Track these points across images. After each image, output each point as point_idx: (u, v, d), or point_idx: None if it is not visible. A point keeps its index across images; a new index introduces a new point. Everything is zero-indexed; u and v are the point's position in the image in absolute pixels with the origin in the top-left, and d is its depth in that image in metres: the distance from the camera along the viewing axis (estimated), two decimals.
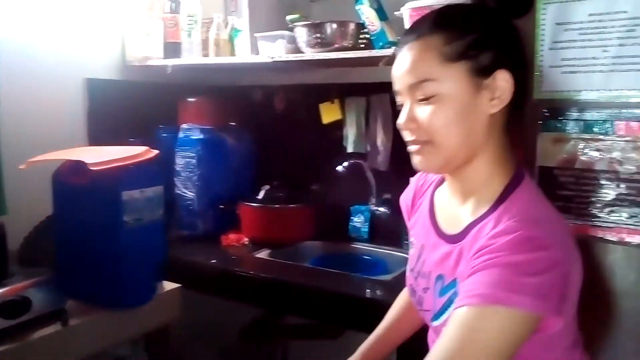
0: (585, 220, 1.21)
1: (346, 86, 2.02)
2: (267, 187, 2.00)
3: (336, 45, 1.70)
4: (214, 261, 1.76)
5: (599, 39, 1.17)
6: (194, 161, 2.00)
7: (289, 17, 1.79)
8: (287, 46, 1.81)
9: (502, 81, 0.82)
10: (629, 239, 1.17)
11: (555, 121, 1.23)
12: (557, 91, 1.23)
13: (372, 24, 1.61)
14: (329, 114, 2.04)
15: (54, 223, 1.37)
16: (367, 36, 1.66)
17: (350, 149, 2.04)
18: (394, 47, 1.44)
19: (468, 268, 0.79)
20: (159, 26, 2.08)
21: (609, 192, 1.19)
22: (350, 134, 2.03)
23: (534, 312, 0.73)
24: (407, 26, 1.44)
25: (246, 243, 1.95)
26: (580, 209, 1.22)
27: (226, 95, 2.22)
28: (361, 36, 1.71)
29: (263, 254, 1.88)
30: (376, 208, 1.96)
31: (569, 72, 1.21)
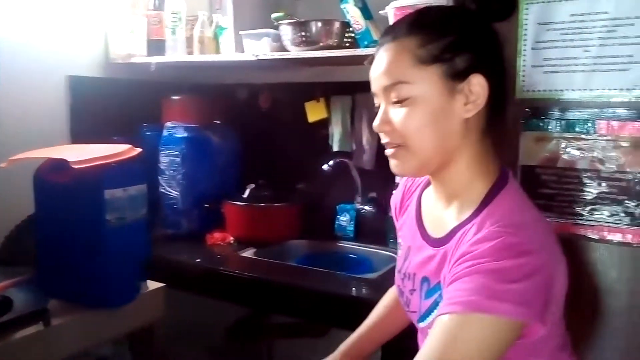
0: (567, 219, 1.22)
1: (332, 85, 2.02)
2: (253, 185, 1.99)
3: (321, 44, 1.70)
4: (199, 260, 1.75)
5: (580, 39, 1.19)
6: (178, 160, 1.98)
7: (274, 15, 1.79)
8: (272, 44, 1.80)
9: (477, 86, 0.81)
10: (610, 236, 1.19)
11: (538, 120, 1.25)
12: (539, 91, 1.24)
13: (357, 23, 1.61)
14: (314, 112, 2.04)
15: (35, 222, 1.35)
16: (352, 35, 1.67)
17: (335, 148, 2.04)
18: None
19: (451, 273, 0.78)
20: (142, 23, 2.06)
21: (590, 190, 1.21)
22: (336, 132, 2.03)
23: (516, 319, 0.72)
24: None
25: (231, 242, 1.95)
26: (562, 208, 1.23)
27: (211, 94, 2.21)
28: (346, 35, 1.71)
29: (248, 253, 1.87)
30: (362, 207, 1.97)
31: (550, 71, 1.22)
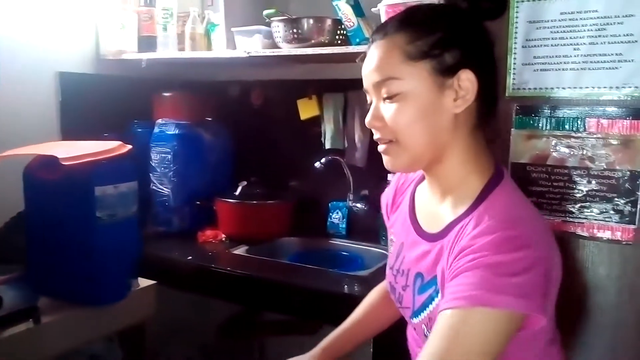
0: (557, 216, 1.23)
1: (324, 82, 2.02)
2: (244, 183, 1.99)
3: (313, 41, 1.70)
4: (190, 258, 1.75)
5: (570, 37, 1.20)
6: (169, 157, 1.98)
7: (266, 12, 1.78)
8: (264, 41, 1.80)
9: (466, 81, 0.82)
10: (599, 234, 1.20)
11: (528, 118, 1.25)
12: (530, 89, 1.24)
13: (349, 20, 1.61)
14: (306, 110, 2.04)
15: (25, 219, 1.35)
16: (344, 32, 1.67)
17: (328, 145, 2.04)
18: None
19: (452, 268, 0.79)
20: (133, 19, 2.05)
21: (580, 188, 1.22)
22: (328, 130, 2.03)
23: (518, 311, 0.73)
24: None
25: (223, 239, 1.94)
26: (552, 205, 1.24)
27: (202, 91, 2.20)
28: (338, 32, 1.71)
29: (240, 250, 1.87)
30: (354, 204, 1.97)
31: (541, 69, 1.23)
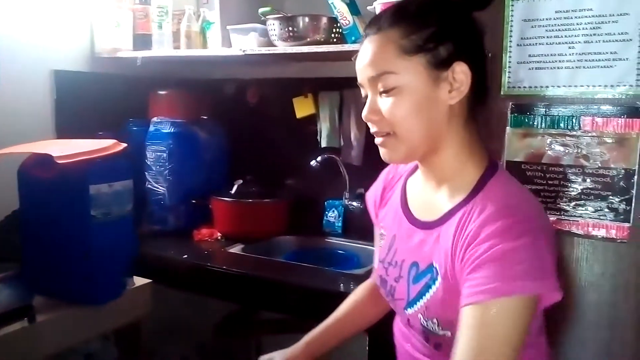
0: (552, 214, 1.24)
1: (320, 80, 2.02)
2: (240, 181, 1.99)
3: (308, 39, 1.69)
4: (186, 256, 1.75)
5: (565, 36, 1.20)
6: (165, 155, 1.97)
7: (261, 10, 1.78)
8: (260, 39, 1.80)
9: (460, 73, 0.84)
10: (594, 232, 1.21)
11: (523, 116, 1.25)
12: (525, 87, 1.25)
13: (345, 18, 1.61)
14: (302, 108, 2.04)
15: (20, 217, 1.34)
16: (340, 30, 1.67)
17: (323, 144, 2.04)
18: None
19: (465, 261, 0.80)
20: (128, 17, 2.04)
21: (575, 186, 1.22)
22: (324, 128, 2.03)
23: (535, 292, 0.77)
24: None
25: (219, 238, 1.94)
26: (547, 203, 1.24)
27: (198, 89, 2.20)
28: (334, 30, 1.71)
29: (236, 249, 1.87)
30: (350, 203, 1.97)
31: (536, 68, 1.23)
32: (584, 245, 1.22)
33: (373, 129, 0.89)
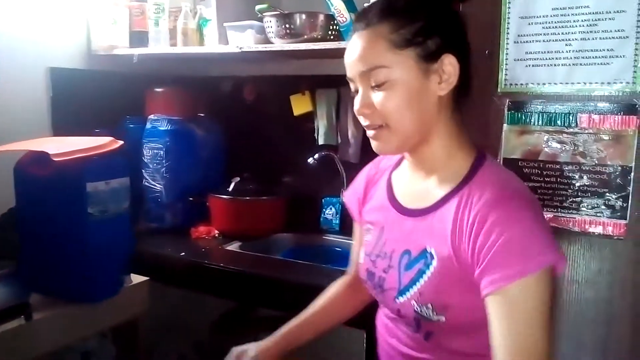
0: (549, 211, 1.24)
1: (317, 78, 2.01)
2: (237, 179, 1.99)
3: (305, 37, 1.69)
4: (183, 254, 1.74)
5: (562, 33, 1.20)
6: (162, 153, 1.97)
7: (258, 7, 1.78)
8: (257, 36, 1.79)
9: (449, 65, 0.87)
10: (591, 229, 1.21)
11: (520, 113, 1.26)
12: (522, 84, 1.25)
13: (342, 16, 1.60)
14: (299, 105, 2.04)
15: (16, 215, 1.34)
16: (337, 28, 1.66)
17: (321, 141, 2.04)
18: None
19: (475, 247, 0.83)
20: (124, 14, 2.03)
21: (572, 183, 1.22)
22: (321, 125, 2.03)
23: (547, 266, 0.80)
24: None
25: (216, 236, 1.94)
26: (544, 200, 1.25)
27: (195, 86, 2.19)
28: (331, 28, 1.70)
29: (233, 246, 1.86)
30: None
31: (533, 65, 1.23)
32: (581, 242, 1.22)
33: (365, 122, 0.91)
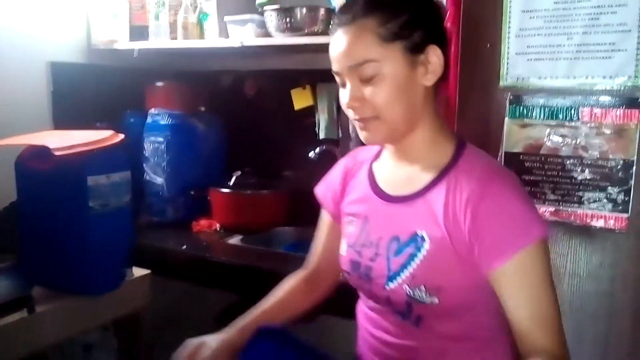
0: (550, 205, 1.24)
1: (318, 72, 2.00)
2: (239, 173, 1.99)
3: (306, 31, 1.69)
4: (185, 247, 1.75)
5: (564, 27, 1.19)
6: (162, 147, 1.97)
7: (259, 1, 1.77)
8: (257, 30, 1.79)
9: (434, 56, 0.89)
10: (593, 222, 1.21)
11: (521, 107, 1.25)
12: (523, 78, 1.25)
13: None
14: (300, 100, 2.03)
15: (18, 209, 1.34)
16: None
17: (322, 135, 2.03)
18: None
19: (469, 224, 0.86)
20: (125, 8, 2.03)
21: (573, 177, 1.22)
22: (322, 120, 2.02)
23: (541, 236, 0.85)
24: None
25: (217, 229, 1.94)
26: (546, 194, 1.25)
27: (195, 81, 2.19)
28: (331, 21, 1.69)
29: (235, 240, 1.87)
30: None
31: (534, 59, 1.23)
32: (583, 236, 1.22)
33: (354, 115, 0.92)
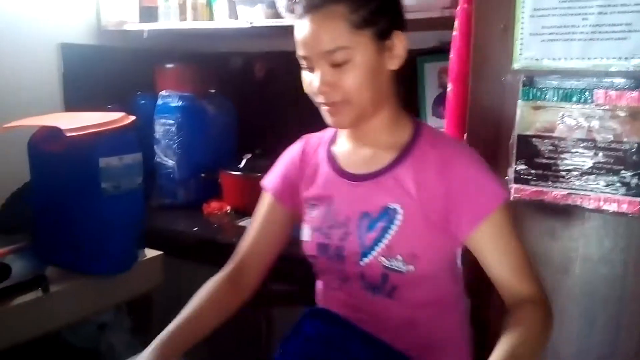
0: (563, 188, 1.23)
1: None
2: (249, 155, 1.99)
3: None
4: (196, 229, 1.76)
5: (579, 7, 1.17)
6: (173, 129, 1.97)
7: None
8: (267, 11, 1.78)
9: (399, 41, 0.93)
10: (605, 206, 1.20)
11: (535, 89, 1.24)
12: (537, 59, 1.23)
13: None
14: None
15: (31, 190, 1.35)
16: None
17: None
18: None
19: (442, 193, 0.93)
20: None
21: (586, 160, 1.21)
22: None
23: (507, 196, 0.95)
24: None
25: (228, 211, 1.95)
26: (558, 177, 1.23)
27: (205, 62, 2.18)
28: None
29: (245, 222, 1.87)
30: None
31: (548, 40, 1.21)
32: (595, 220, 1.21)
33: (322, 99, 0.94)
